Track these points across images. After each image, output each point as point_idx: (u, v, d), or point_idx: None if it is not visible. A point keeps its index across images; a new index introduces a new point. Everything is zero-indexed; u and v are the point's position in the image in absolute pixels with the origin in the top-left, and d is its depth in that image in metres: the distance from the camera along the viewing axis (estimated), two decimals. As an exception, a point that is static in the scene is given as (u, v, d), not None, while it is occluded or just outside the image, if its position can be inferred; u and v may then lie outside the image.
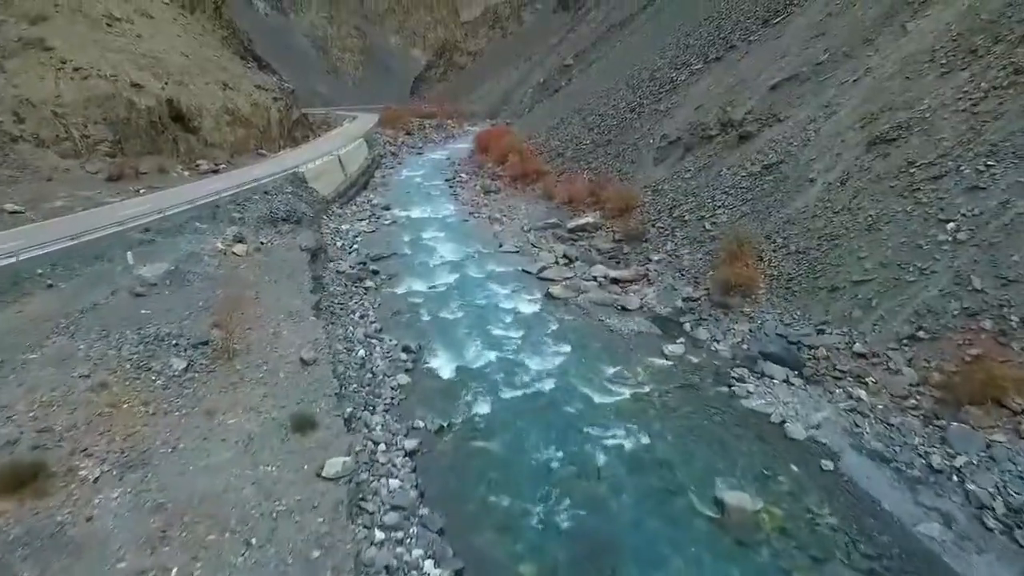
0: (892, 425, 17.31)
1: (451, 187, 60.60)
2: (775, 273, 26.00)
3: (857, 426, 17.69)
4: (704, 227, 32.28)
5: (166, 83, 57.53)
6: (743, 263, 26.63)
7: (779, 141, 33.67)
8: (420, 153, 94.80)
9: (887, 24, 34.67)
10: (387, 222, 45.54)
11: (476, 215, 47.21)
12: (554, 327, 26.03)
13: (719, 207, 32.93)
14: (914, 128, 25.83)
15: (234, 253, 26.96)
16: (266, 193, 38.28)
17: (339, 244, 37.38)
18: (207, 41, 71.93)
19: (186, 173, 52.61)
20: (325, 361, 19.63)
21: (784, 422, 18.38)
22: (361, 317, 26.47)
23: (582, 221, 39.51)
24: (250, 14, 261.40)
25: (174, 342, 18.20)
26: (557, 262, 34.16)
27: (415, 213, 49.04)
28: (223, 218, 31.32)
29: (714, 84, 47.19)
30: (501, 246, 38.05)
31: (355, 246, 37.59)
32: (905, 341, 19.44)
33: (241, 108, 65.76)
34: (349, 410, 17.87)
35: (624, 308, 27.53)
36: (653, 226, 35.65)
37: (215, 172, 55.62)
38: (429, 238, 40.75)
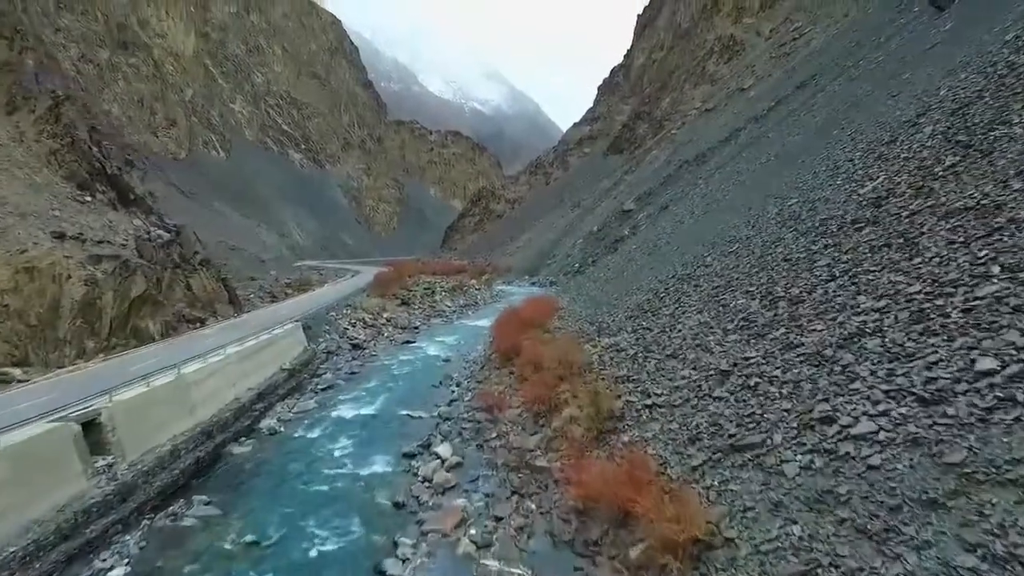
0: None
1: (402, 508, 20.87)
2: None
3: None
4: None
5: None
6: None
7: None
8: (410, 340, 57.39)
9: None
10: None
11: None
12: None
13: None
14: None
15: None
16: None
17: None
18: (8, 154, 39.59)
19: None
20: None
21: None
22: None
23: None
24: (285, 164, 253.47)
25: None
26: None
27: None
28: None
29: None
30: None
31: None
32: None
33: (-10, 281, 30.59)
34: None
35: None
36: None
37: None
38: None
